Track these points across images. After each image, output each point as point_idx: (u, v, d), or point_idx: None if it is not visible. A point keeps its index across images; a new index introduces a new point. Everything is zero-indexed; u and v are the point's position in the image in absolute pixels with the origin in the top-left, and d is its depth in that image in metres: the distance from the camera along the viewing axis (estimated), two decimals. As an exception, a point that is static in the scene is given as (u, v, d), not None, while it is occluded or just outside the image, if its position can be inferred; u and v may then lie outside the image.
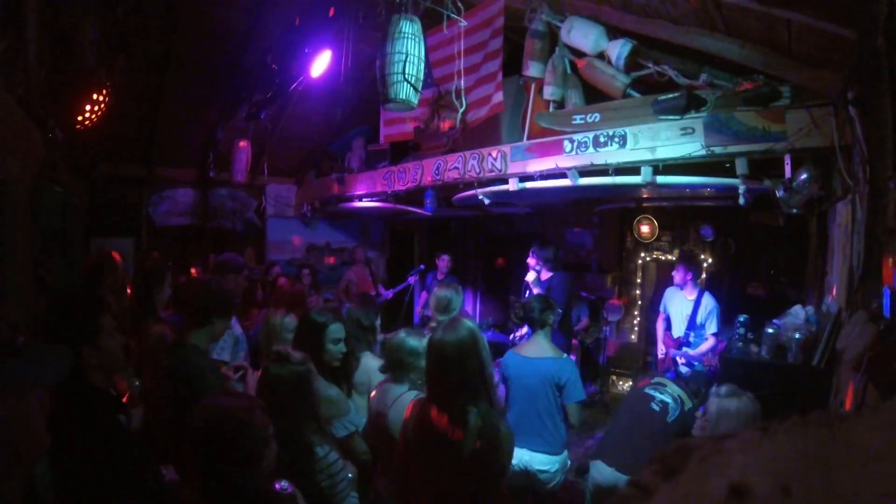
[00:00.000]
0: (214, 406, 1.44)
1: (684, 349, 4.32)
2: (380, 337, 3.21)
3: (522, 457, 2.85)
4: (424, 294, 6.17)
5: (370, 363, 2.87)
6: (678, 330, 4.44)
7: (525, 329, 3.81)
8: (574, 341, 5.41)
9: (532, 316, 3.08)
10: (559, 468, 2.95)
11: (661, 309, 4.72)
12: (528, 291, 4.60)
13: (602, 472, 2.74)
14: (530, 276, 4.64)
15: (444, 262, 6.20)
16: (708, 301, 4.37)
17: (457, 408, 1.89)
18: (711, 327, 4.30)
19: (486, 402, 1.94)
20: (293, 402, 1.90)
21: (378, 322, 3.17)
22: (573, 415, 2.97)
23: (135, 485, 1.67)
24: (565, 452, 2.99)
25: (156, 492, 1.72)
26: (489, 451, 1.89)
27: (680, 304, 4.49)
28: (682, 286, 4.50)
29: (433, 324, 3.28)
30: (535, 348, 3.03)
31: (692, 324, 4.37)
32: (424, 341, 2.28)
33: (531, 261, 4.66)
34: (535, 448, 2.87)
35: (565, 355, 3.10)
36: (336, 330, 2.48)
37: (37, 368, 1.09)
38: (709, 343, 4.26)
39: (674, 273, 4.62)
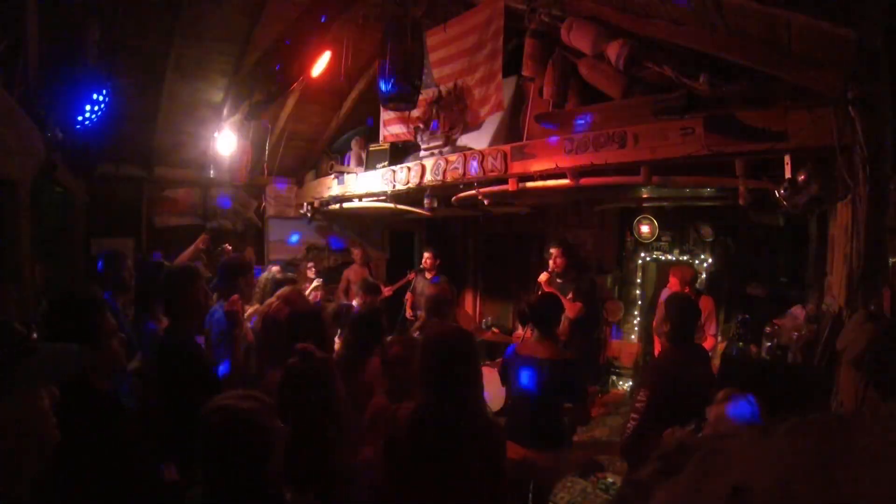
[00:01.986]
0: (225, 407, 1.47)
1: None
2: None
3: (526, 454, 2.87)
4: (409, 295, 6.03)
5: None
6: None
7: (528, 328, 3.80)
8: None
9: (543, 316, 3.08)
10: (562, 461, 3.02)
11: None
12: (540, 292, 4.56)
13: None
14: (543, 277, 4.57)
15: (428, 259, 5.82)
16: (705, 303, 4.37)
17: (452, 408, 1.89)
18: (710, 328, 4.31)
19: (479, 403, 1.93)
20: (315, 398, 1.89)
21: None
22: (577, 414, 3.00)
23: (134, 484, 1.67)
24: (566, 446, 3.06)
25: (155, 491, 1.72)
26: (484, 451, 1.89)
27: None
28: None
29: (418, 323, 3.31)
30: (541, 348, 3.04)
31: None
32: None
33: (561, 260, 4.58)
34: (538, 445, 2.90)
35: (569, 355, 3.12)
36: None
37: (49, 366, 1.11)
38: (708, 344, 4.26)
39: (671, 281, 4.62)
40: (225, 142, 5.39)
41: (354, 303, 4.50)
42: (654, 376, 2.86)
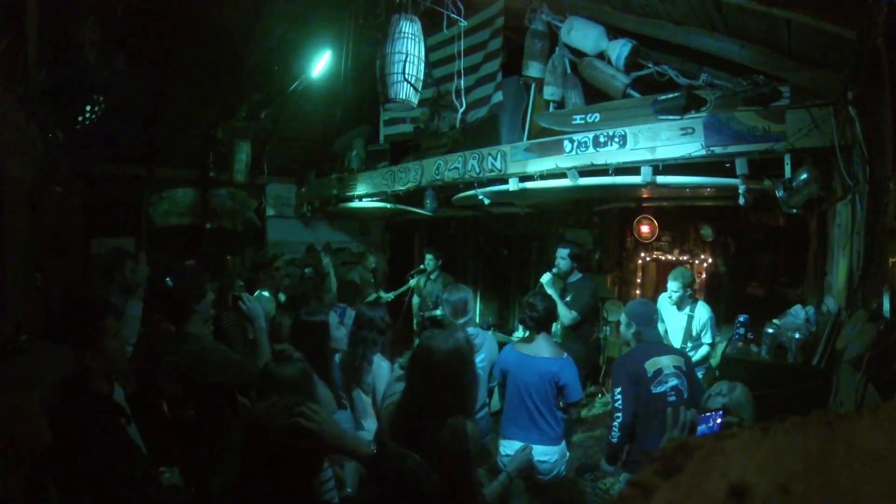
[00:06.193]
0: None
1: None
2: None
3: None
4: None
5: (380, 363, 2.95)
6: (675, 342, 4.23)
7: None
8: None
9: (537, 315, 3.11)
10: (558, 458, 3.05)
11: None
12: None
13: None
14: (545, 278, 4.49)
15: (428, 260, 5.82)
16: (702, 312, 4.22)
17: (440, 419, 1.85)
18: (706, 337, 4.20)
19: (468, 414, 1.90)
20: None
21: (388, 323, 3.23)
22: (572, 413, 3.07)
23: (132, 486, 1.66)
24: (563, 443, 3.11)
25: (155, 494, 1.72)
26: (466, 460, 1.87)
27: (674, 316, 4.34)
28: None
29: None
30: (536, 346, 3.09)
31: (688, 336, 4.26)
32: None
33: (567, 262, 4.43)
34: (534, 440, 2.94)
35: (565, 354, 3.14)
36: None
37: (39, 366, 1.10)
38: (703, 352, 4.16)
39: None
40: (225, 142, 5.37)
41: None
42: (614, 374, 3.01)
